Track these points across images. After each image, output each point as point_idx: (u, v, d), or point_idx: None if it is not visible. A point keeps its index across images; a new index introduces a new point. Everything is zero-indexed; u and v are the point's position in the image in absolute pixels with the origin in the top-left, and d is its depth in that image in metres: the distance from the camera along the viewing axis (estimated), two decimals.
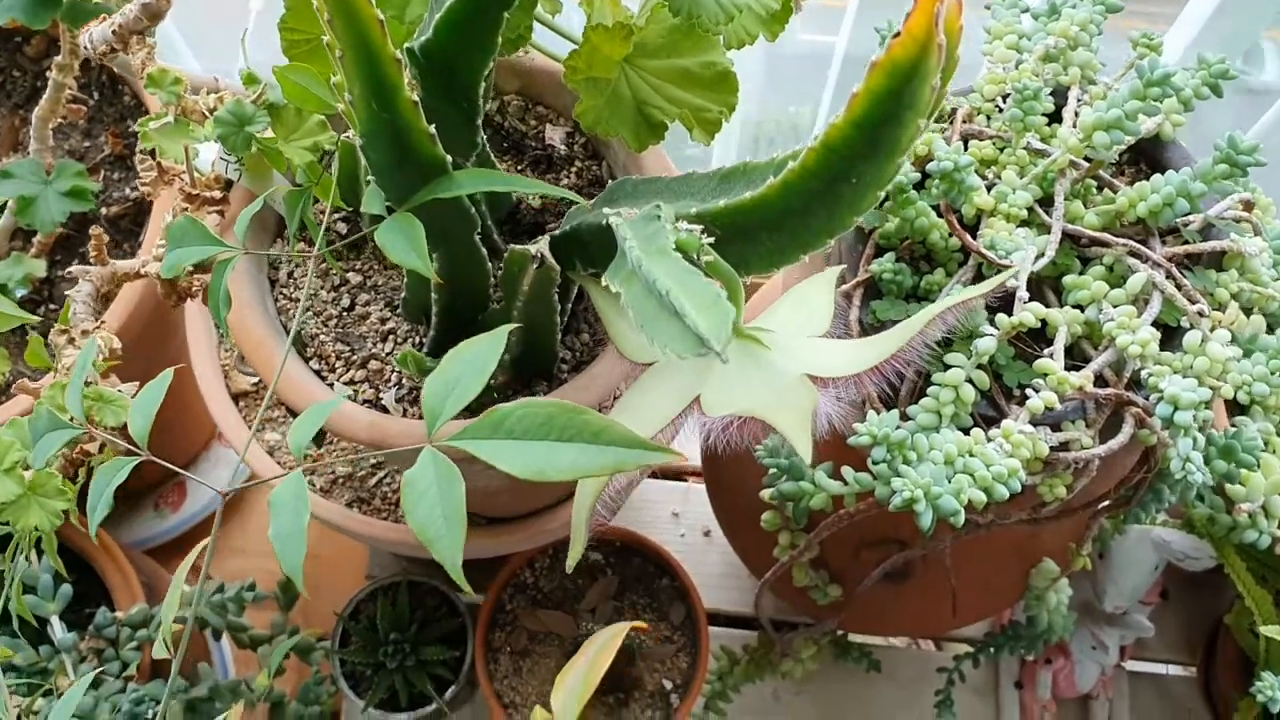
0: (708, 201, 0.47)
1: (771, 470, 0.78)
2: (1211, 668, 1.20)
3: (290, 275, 0.70)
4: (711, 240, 0.44)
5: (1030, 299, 0.67)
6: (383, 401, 0.67)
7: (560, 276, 0.58)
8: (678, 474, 1.34)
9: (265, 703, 1.11)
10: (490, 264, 0.61)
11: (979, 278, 0.71)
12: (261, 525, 1.40)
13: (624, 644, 1.06)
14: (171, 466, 0.51)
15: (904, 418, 0.69)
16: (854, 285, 0.72)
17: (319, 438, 0.91)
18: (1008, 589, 0.96)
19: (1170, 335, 0.69)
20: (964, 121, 0.73)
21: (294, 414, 0.84)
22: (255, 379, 0.94)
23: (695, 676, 1.08)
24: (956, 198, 0.68)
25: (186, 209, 0.65)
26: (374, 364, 0.68)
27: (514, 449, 0.41)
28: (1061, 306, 0.69)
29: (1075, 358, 0.69)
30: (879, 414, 0.66)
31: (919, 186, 0.72)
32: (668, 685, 1.09)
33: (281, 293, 0.69)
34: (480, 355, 0.43)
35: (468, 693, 1.14)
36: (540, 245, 0.55)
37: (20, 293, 0.97)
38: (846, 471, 0.72)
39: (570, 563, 0.52)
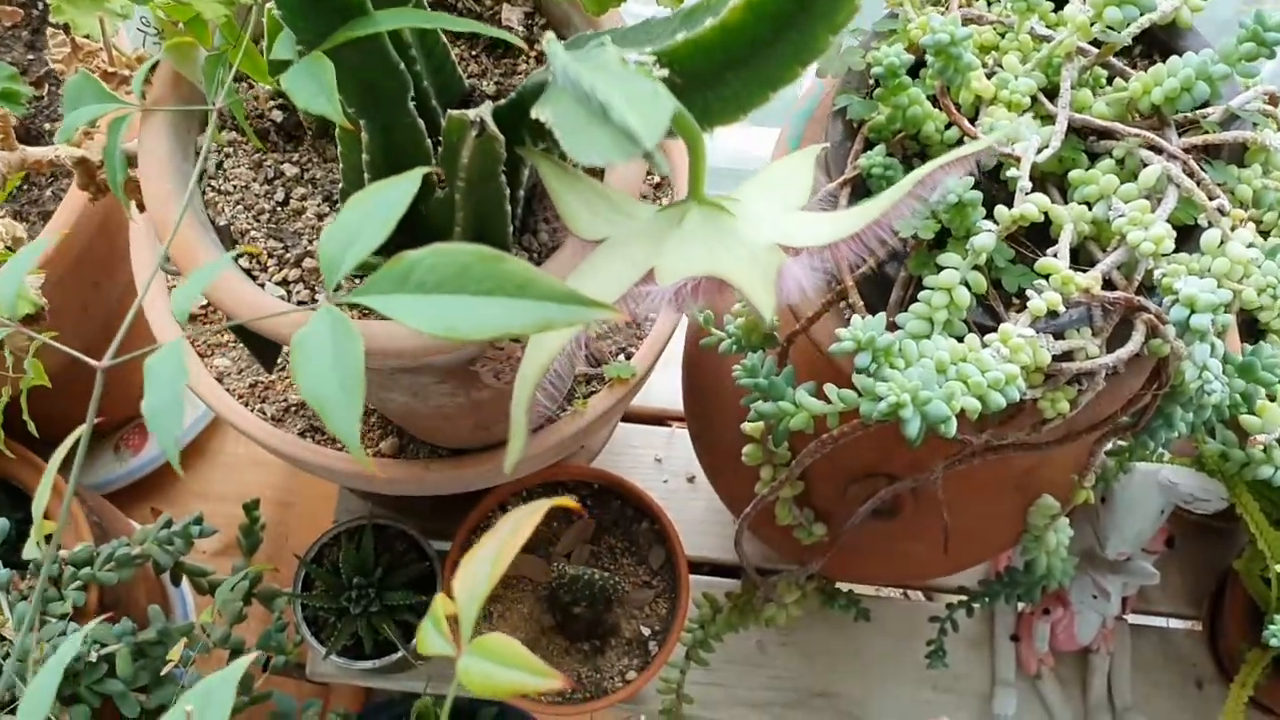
0: (666, 41, 0.41)
1: (751, 390, 0.72)
2: (1218, 620, 1.14)
3: (220, 166, 0.63)
4: (665, 77, 0.38)
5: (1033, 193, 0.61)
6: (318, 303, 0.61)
7: (508, 152, 0.52)
8: (660, 419, 1.28)
9: (224, 649, 1.05)
10: (432, 144, 0.54)
11: (979, 173, 0.64)
12: (227, 468, 1.34)
13: (601, 587, 1.00)
14: (70, 351, 0.45)
15: (893, 328, 0.63)
16: (840, 183, 0.66)
17: (269, 363, 0.85)
18: (1004, 529, 0.90)
19: (1186, 238, 0.63)
20: (961, 4, 0.67)
21: (234, 330, 0.78)
22: (204, 302, 0.88)
23: (674, 623, 1.03)
24: (953, 78, 0.62)
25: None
26: (309, 262, 0.61)
27: (423, 304, 0.35)
28: (1067, 204, 0.63)
29: (1082, 262, 0.63)
30: (864, 319, 0.60)
31: (913, 75, 0.66)
32: (646, 632, 1.04)
33: (210, 184, 0.63)
34: (388, 200, 0.37)
35: None
36: (481, 110, 0.49)
37: None
38: (829, 388, 0.66)
39: (509, 462, 0.46)
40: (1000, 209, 0.60)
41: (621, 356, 0.89)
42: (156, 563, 1.02)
